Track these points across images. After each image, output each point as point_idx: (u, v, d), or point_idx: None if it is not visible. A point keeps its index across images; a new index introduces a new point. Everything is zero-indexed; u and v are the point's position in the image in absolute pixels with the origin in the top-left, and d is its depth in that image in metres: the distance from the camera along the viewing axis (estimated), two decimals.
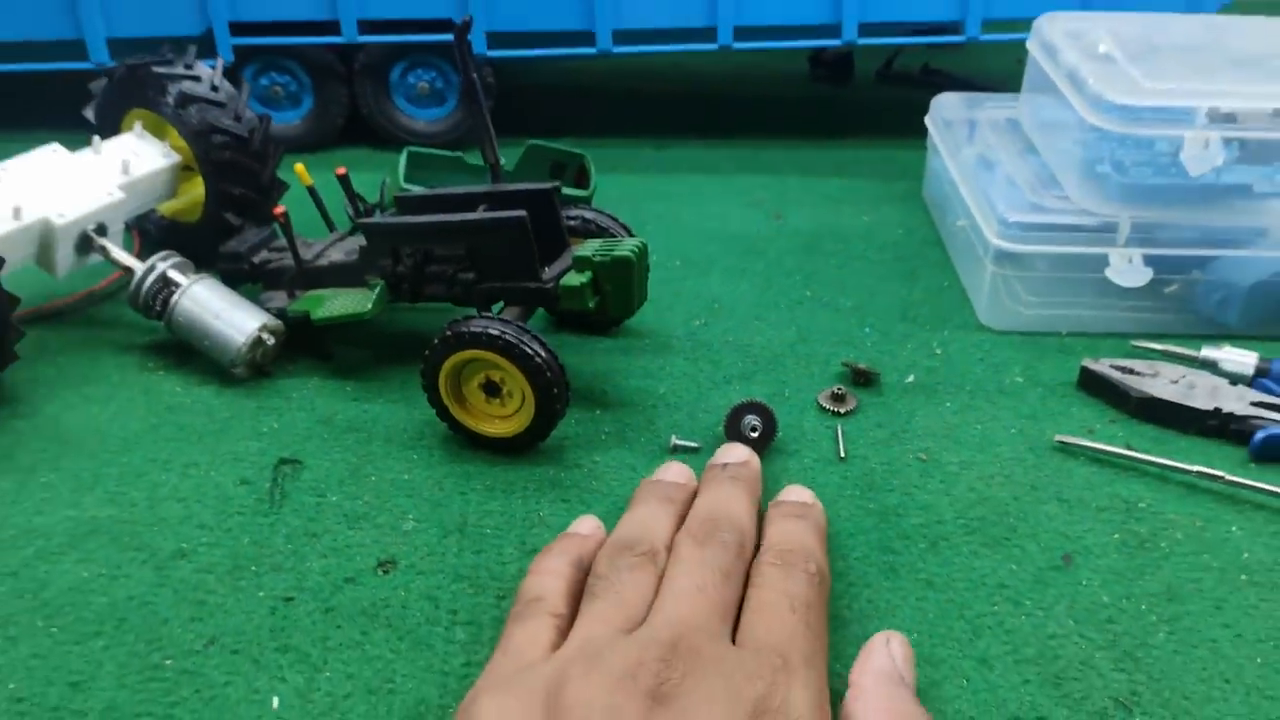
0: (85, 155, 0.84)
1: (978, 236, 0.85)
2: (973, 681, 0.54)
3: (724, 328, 0.85)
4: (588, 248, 0.73)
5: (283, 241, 0.83)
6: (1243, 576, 0.61)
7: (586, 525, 0.60)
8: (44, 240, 0.79)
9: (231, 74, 1.09)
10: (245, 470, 0.68)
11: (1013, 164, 0.90)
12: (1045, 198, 0.84)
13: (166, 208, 0.90)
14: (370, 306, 0.74)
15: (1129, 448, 0.71)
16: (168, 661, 0.54)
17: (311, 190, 0.81)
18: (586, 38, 1.06)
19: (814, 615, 0.52)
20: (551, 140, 0.98)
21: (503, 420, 0.70)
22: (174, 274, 0.79)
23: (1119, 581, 0.61)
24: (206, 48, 1.08)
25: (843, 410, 0.75)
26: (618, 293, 0.72)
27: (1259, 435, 0.71)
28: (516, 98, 1.23)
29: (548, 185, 0.75)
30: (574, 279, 0.71)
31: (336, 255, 0.80)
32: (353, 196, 0.81)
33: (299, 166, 0.80)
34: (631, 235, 0.79)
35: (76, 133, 0.88)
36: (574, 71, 1.35)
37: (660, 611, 0.50)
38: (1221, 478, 0.67)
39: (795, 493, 0.63)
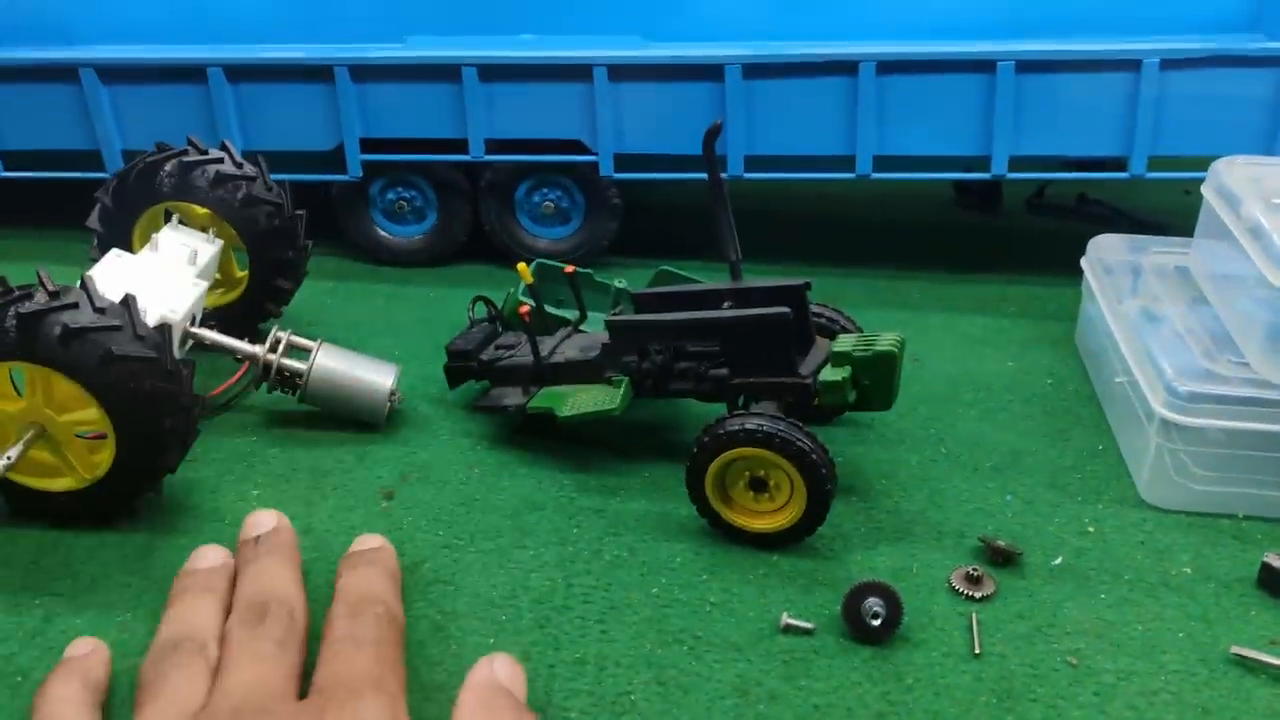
0: (148, 254, 0.84)
1: (1140, 402, 0.77)
2: None
3: (847, 487, 0.78)
4: (845, 343, 0.76)
5: (506, 339, 0.88)
6: None
7: (83, 646, 0.59)
8: None
9: (355, 188, 1.11)
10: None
11: (1182, 319, 0.82)
12: (1220, 363, 0.76)
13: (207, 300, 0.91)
14: (619, 403, 0.76)
15: None
16: None
17: (532, 289, 0.86)
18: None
19: (385, 649, 0.55)
20: (681, 265, 0.95)
21: (771, 515, 0.71)
22: (299, 340, 0.84)
23: None
24: (337, 164, 1.10)
25: (978, 595, 0.67)
26: (878, 386, 0.75)
27: None
28: (643, 218, 1.21)
29: (800, 283, 0.77)
30: (834, 374, 0.73)
31: (571, 352, 0.83)
32: (579, 294, 0.87)
33: (522, 266, 0.85)
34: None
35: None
36: (692, 192, 1.32)
37: (220, 691, 0.51)
38: None
39: (364, 540, 0.66)
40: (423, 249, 1.15)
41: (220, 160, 0.90)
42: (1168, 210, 1.27)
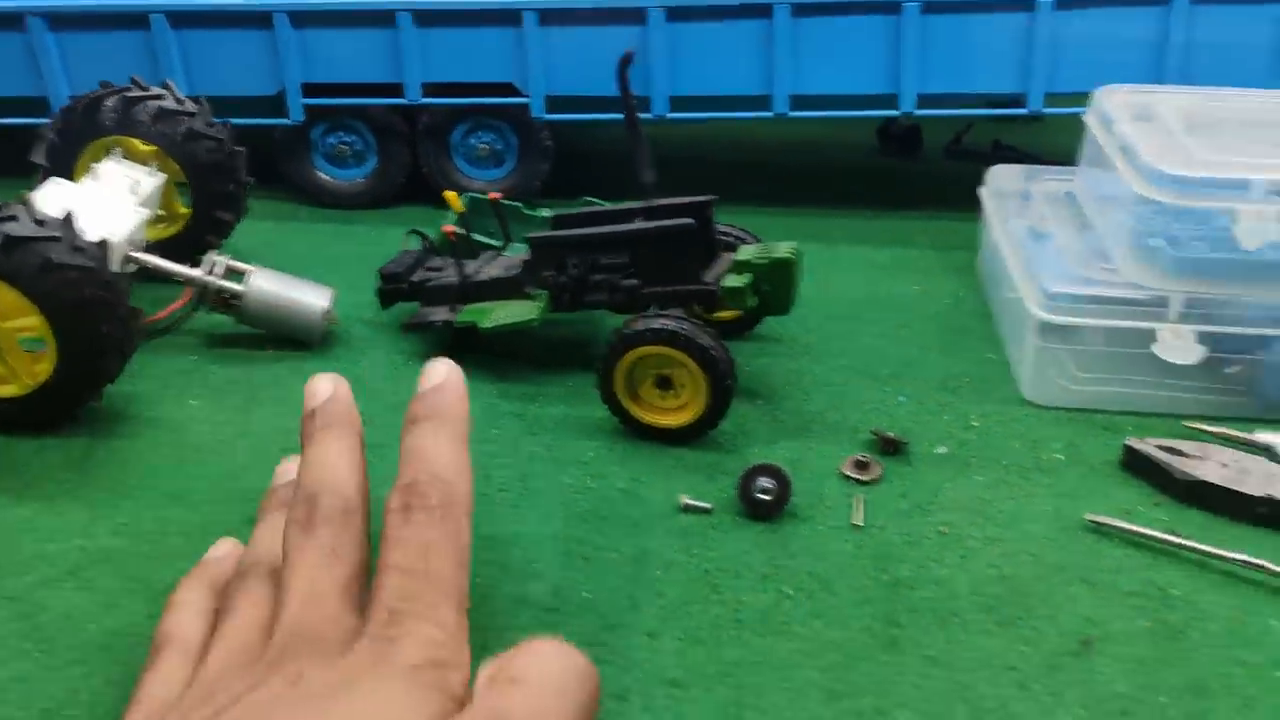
0: (89, 183, 0.88)
1: (1022, 308, 0.82)
2: None
3: (754, 392, 0.83)
4: (746, 252, 0.80)
5: (435, 263, 0.92)
6: (1278, 674, 0.57)
7: (221, 548, 0.57)
8: None
9: (297, 132, 1.15)
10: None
11: (1065, 237, 0.87)
12: (1093, 270, 0.81)
13: (150, 233, 0.95)
14: (537, 314, 0.81)
15: (1171, 532, 0.67)
16: None
17: (461, 216, 0.91)
18: (641, 104, 1.08)
19: (446, 550, 0.45)
20: (602, 201, 0.99)
21: (676, 412, 0.76)
22: (236, 264, 0.87)
23: (1140, 671, 0.57)
24: (280, 108, 1.13)
25: (865, 478, 0.73)
26: (776, 292, 0.80)
27: None
28: (577, 161, 1.25)
29: (706, 198, 0.82)
30: (736, 280, 0.78)
31: (495, 271, 0.88)
32: (504, 221, 0.92)
33: (451, 194, 0.89)
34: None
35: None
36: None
37: (277, 617, 0.44)
38: (1265, 567, 0.63)
39: (429, 374, 0.54)
40: (364, 191, 1.19)
41: (162, 96, 0.93)
42: (1073, 154, 1.32)
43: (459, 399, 0.54)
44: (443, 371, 0.54)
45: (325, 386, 0.56)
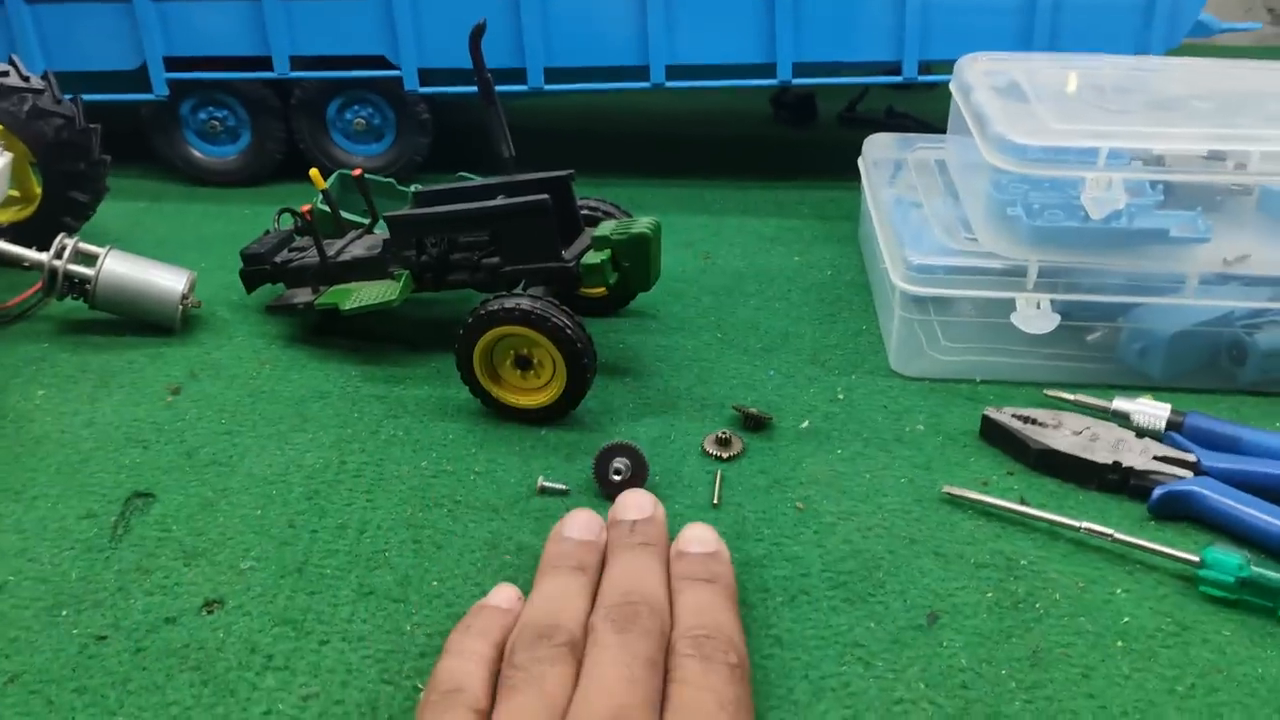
0: None
1: (887, 279, 0.82)
2: None
3: (623, 369, 0.82)
4: (604, 228, 0.78)
5: (300, 243, 0.89)
6: (1119, 643, 0.57)
7: (504, 597, 0.56)
8: None
9: (165, 108, 1.10)
10: (95, 503, 0.66)
11: (933, 206, 0.87)
12: (957, 239, 0.80)
13: (3, 215, 0.90)
14: (398, 294, 0.78)
15: (1022, 501, 0.67)
16: None
17: (325, 193, 0.87)
18: (517, 75, 1.05)
19: (743, 711, 0.48)
20: (478, 177, 0.96)
21: (537, 392, 0.74)
22: (85, 247, 0.83)
23: (983, 644, 0.57)
24: (146, 84, 1.08)
25: (726, 455, 0.72)
26: (636, 268, 0.77)
27: (1157, 491, 0.66)
28: (460, 135, 1.22)
29: (564, 173, 0.80)
30: (594, 257, 0.75)
31: (358, 251, 0.85)
32: (368, 197, 0.88)
33: (314, 172, 0.84)
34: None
35: None
36: (520, 111, 1.33)
37: (586, 704, 0.47)
38: (1110, 535, 0.63)
39: (697, 538, 0.58)
40: (239, 168, 1.15)
41: (5, 73, 0.88)
42: None
43: (730, 567, 0.57)
44: (713, 539, 0.58)
45: (648, 504, 0.60)
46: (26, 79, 0.88)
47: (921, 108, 1.40)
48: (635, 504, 0.60)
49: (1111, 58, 0.90)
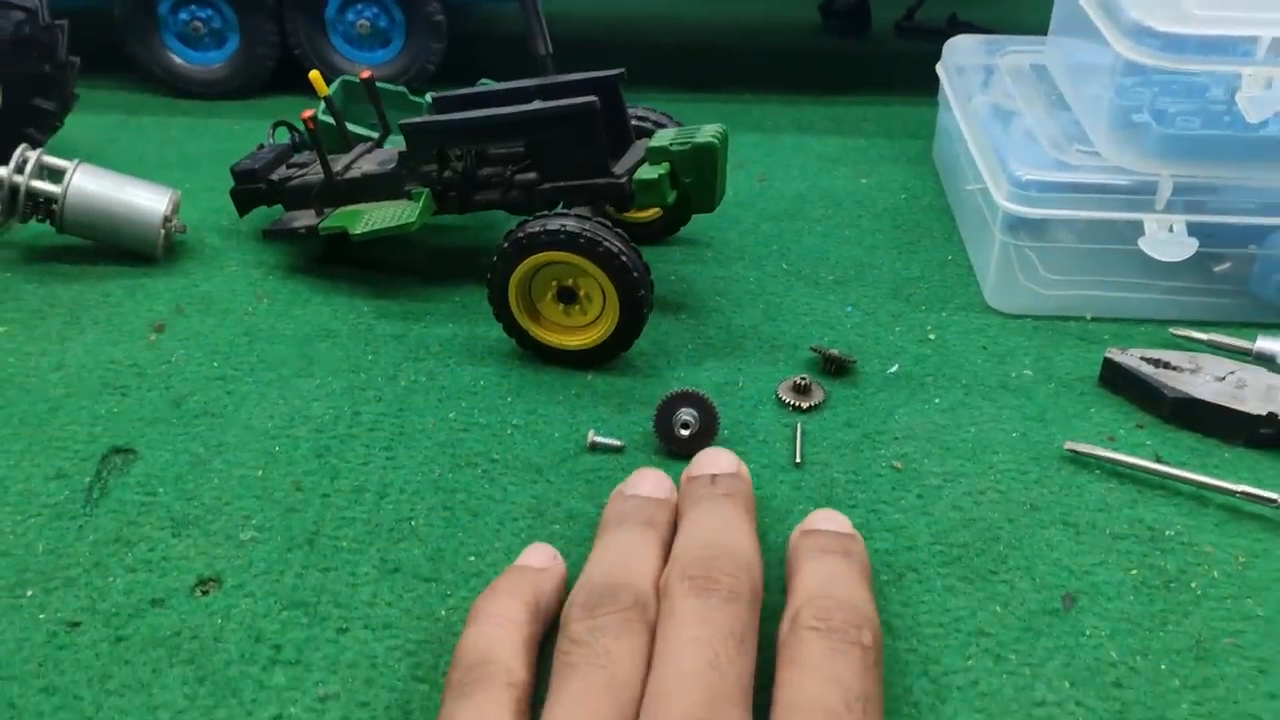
0: None
1: (986, 200, 0.73)
2: None
3: (678, 304, 0.73)
4: (662, 138, 0.69)
5: (300, 158, 0.80)
6: None
7: (539, 556, 0.50)
8: None
9: (141, 7, 1.01)
10: (65, 461, 0.58)
11: (1034, 116, 0.77)
12: (1069, 154, 0.71)
13: None
14: (417, 217, 0.70)
15: (1158, 460, 0.59)
16: None
17: (328, 99, 0.78)
18: None
19: (873, 715, 0.40)
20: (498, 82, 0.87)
21: (582, 331, 0.66)
22: (51, 160, 0.75)
23: (1133, 633, 0.49)
24: None
25: (805, 405, 0.63)
26: (699, 185, 0.68)
27: None
28: (478, 42, 1.13)
29: (612, 73, 0.71)
30: (650, 171, 0.66)
31: (369, 166, 0.76)
32: (379, 106, 0.79)
33: (314, 74, 0.76)
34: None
35: None
36: (571, 21, 1.24)
37: (664, 700, 0.39)
38: (1274, 500, 0.55)
39: (827, 519, 0.50)
40: (226, 78, 1.05)
41: None
42: (1040, 30, 1.23)
43: (866, 550, 0.50)
44: (847, 523, 0.50)
45: (731, 462, 0.53)
46: None
47: (986, 16, 1.30)
48: (716, 461, 0.53)
49: None
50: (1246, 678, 0.47)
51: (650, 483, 0.52)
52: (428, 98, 0.84)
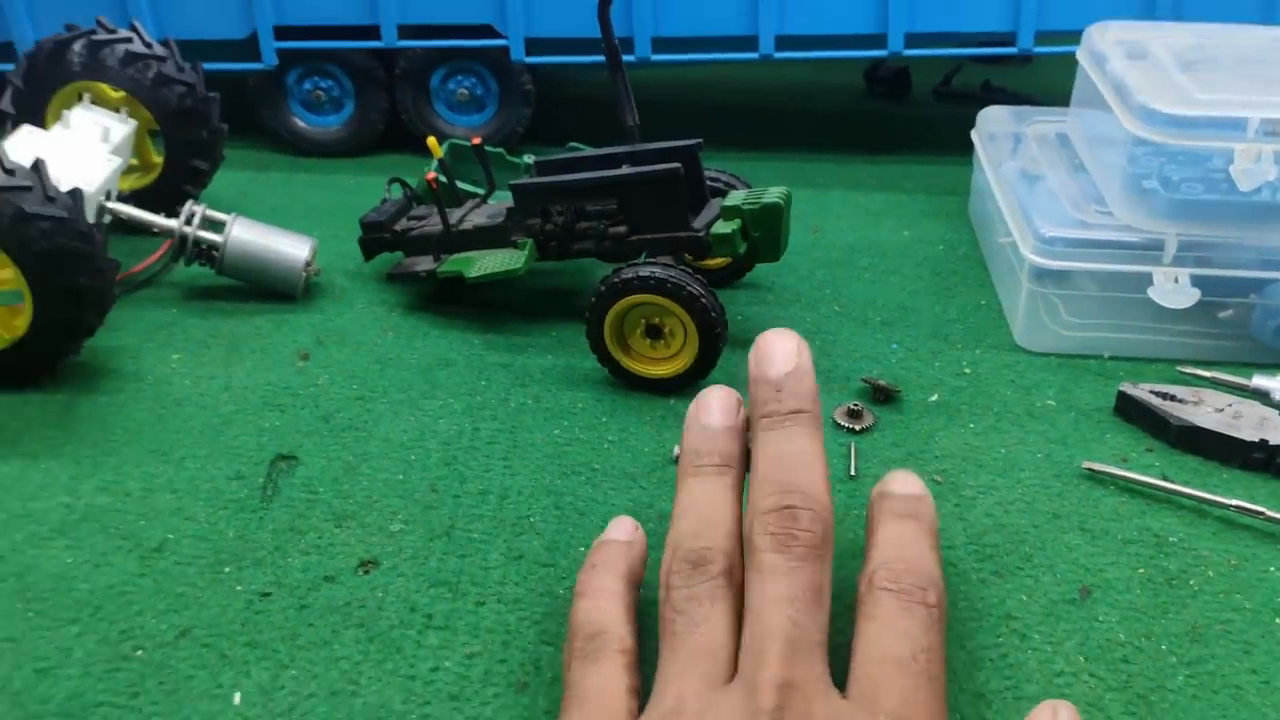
0: (60, 131, 0.85)
1: (1015, 253, 0.81)
2: (967, 717, 0.51)
3: (745, 341, 0.82)
4: (735, 197, 0.78)
5: (418, 212, 0.90)
6: (1277, 620, 0.57)
7: (624, 529, 0.55)
8: None
9: (272, 78, 1.12)
10: (241, 465, 0.68)
11: (1058, 179, 0.86)
12: (1088, 213, 0.80)
13: (124, 183, 0.92)
14: (523, 263, 0.79)
15: (1164, 478, 0.67)
16: (138, 652, 0.54)
17: (442, 162, 0.88)
18: (625, 45, 1.05)
19: (935, 664, 0.46)
20: (589, 147, 0.97)
21: (666, 362, 0.75)
22: (213, 214, 0.85)
23: (1139, 619, 0.57)
24: (251, 52, 1.10)
25: (858, 427, 0.72)
26: (766, 239, 0.78)
27: None
28: (561, 106, 1.23)
29: (692, 142, 0.80)
30: (725, 226, 0.76)
31: (479, 219, 0.85)
32: (487, 167, 0.89)
33: (432, 140, 0.87)
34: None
35: None
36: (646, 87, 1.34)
37: (756, 655, 0.44)
38: (1262, 513, 0.63)
39: (902, 481, 0.54)
40: (342, 139, 1.16)
41: (130, 40, 0.90)
42: (1065, 96, 1.31)
43: (935, 512, 0.54)
44: (918, 484, 0.55)
45: (792, 348, 0.54)
46: (150, 46, 0.90)
47: (1017, 82, 1.38)
48: (780, 351, 0.54)
49: (1243, 27, 0.89)
50: (1233, 656, 0.54)
51: (719, 405, 0.55)
52: (525, 158, 0.94)
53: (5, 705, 0.51)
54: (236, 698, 0.51)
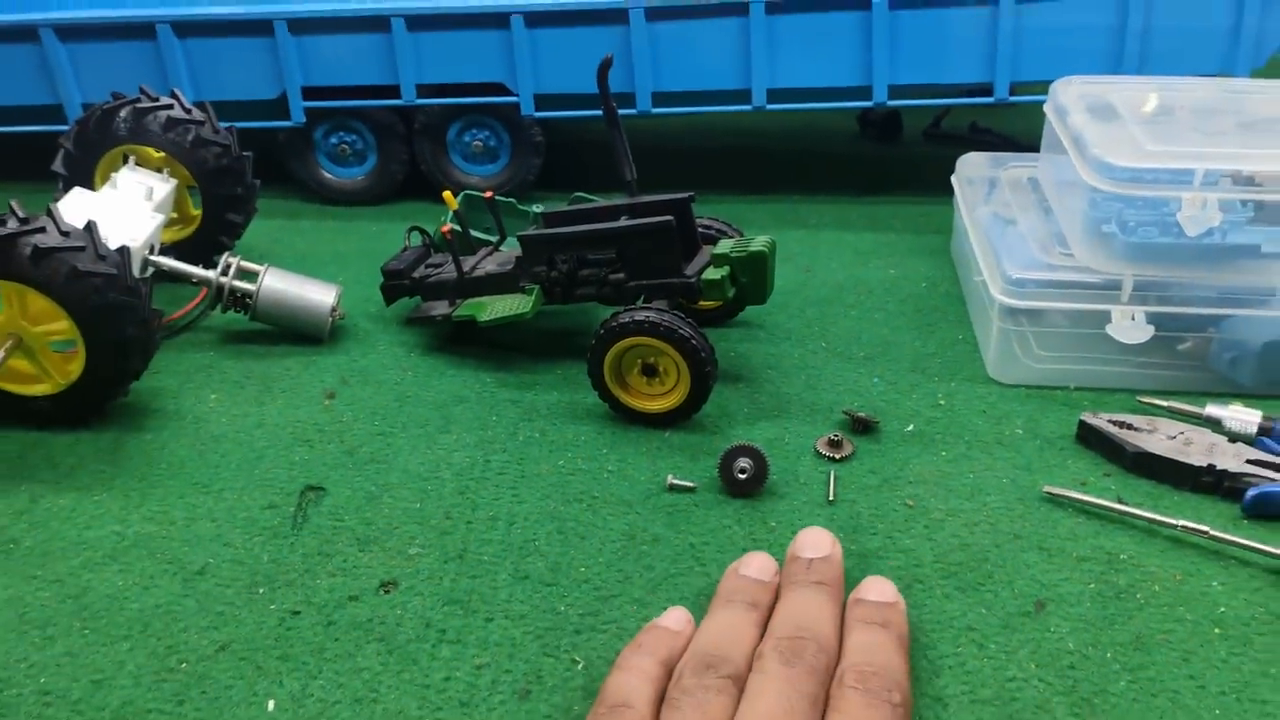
0: (109, 191, 0.92)
1: (986, 292, 0.87)
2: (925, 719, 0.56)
3: (736, 376, 0.88)
4: (724, 246, 0.84)
5: (435, 259, 0.96)
6: (1215, 630, 0.61)
7: (675, 619, 0.59)
8: None
9: (300, 133, 1.19)
10: (274, 496, 0.74)
11: (1028, 222, 0.91)
12: (1053, 255, 0.85)
13: (164, 235, 0.98)
14: (530, 307, 0.85)
15: (1119, 501, 0.71)
16: (182, 665, 0.59)
17: (458, 214, 0.94)
18: (626, 99, 1.11)
19: None
20: (598, 195, 1.03)
21: (661, 398, 0.80)
22: (247, 265, 0.91)
23: (1088, 630, 0.61)
24: (283, 111, 1.17)
25: (838, 456, 0.77)
26: (753, 284, 0.83)
27: (1251, 492, 0.70)
28: (567, 155, 1.29)
29: (684, 195, 0.86)
30: (714, 273, 0.82)
31: (491, 266, 0.92)
32: (498, 217, 0.96)
33: (448, 194, 0.93)
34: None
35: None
36: (642, 132, 1.40)
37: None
38: (1206, 532, 0.67)
39: (877, 589, 0.60)
40: (365, 188, 1.23)
41: (170, 106, 0.97)
42: None
43: (905, 619, 0.59)
44: (892, 591, 0.61)
45: (826, 543, 0.63)
46: (189, 111, 0.97)
47: (1003, 124, 1.44)
48: (814, 542, 0.63)
49: (1201, 80, 0.94)
50: (1173, 664, 0.59)
51: (758, 564, 0.62)
52: (534, 207, 1.00)
53: (66, 713, 0.57)
54: (270, 705, 0.57)
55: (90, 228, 0.76)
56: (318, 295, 0.92)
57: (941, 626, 0.62)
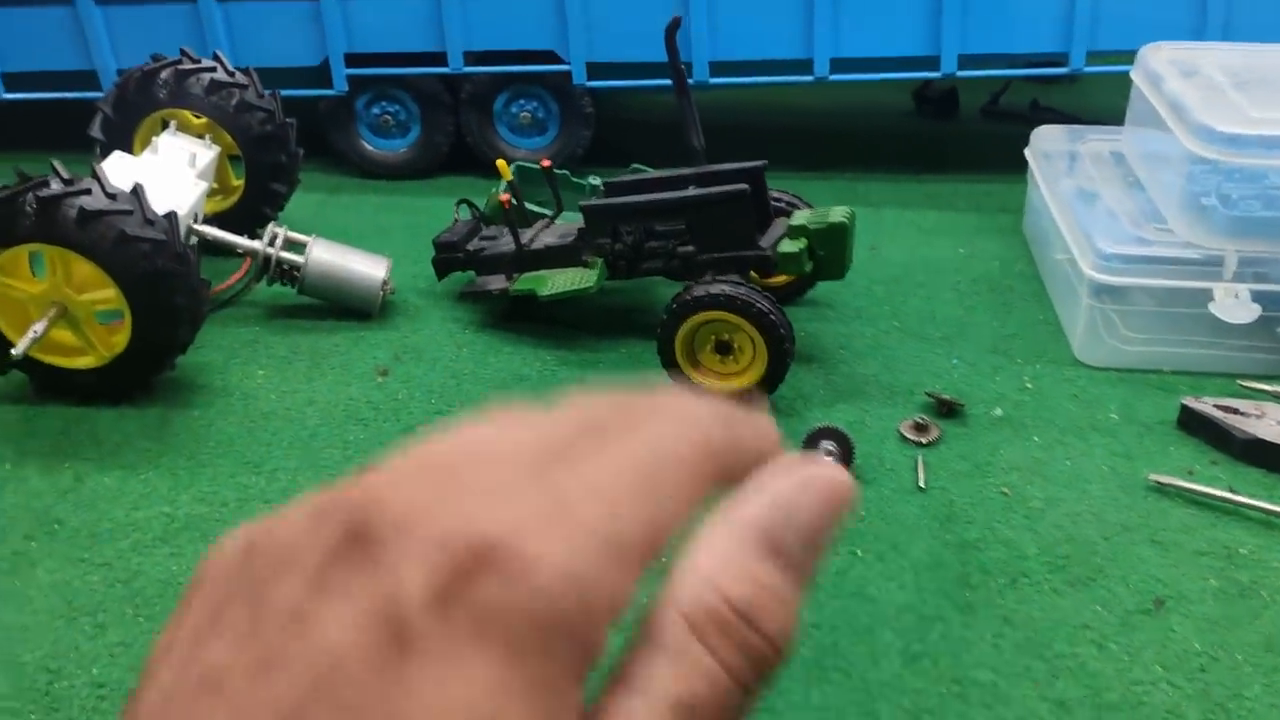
0: (149, 156, 0.87)
1: (1074, 270, 0.82)
2: None
3: (809, 357, 0.83)
4: (801, 217, 0.79)
5: (489, 232, 0.91)
6: None
7: None
8: None
9: (342, 103, 1.14)
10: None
11: (1114, 197, 0.86)
12: (1147, 230, 0.80)
13: (206, 206, 0.94)
14: (594, 281, 0.81)
15: (1231, 491, 0.67)
16: None
17: (512, 184, 0.89)
18: (684, 69, 1.06)
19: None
20: (652, 169, 0.98)
21: (734, 377, 0.75)
22: (294, 235, 0.87)
23: (1214, 630, 0.57)
24: (324, 80, 1.12)
25: (925, 440, 0.72)
26: (831, 256, 0.78)
27: None
28: (618, 128, 1.24)
29: (757, 164, 0.80)
30: (791, 245, 0.76)
31: (550, 239, 0.87)
32: (555, 188, 0.90)
33: (501, 163, 0.88)
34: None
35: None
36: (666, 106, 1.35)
37: None
38: None
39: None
40: (408, 161, 1.18)
41: (213, 69, 0.92)
42: (1113, 114, 1.31)
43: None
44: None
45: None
46: (232, 74, 0.92)
47: (1063, 101, 1.38)
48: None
49: None
50: None
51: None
52: (590, 180, 0.96)
53: (121, 707, 0.52)
54: None
55: (138, 190, 0.72)
56: (368, 268, 0.87)
57: (1055, 625, 0.57)
